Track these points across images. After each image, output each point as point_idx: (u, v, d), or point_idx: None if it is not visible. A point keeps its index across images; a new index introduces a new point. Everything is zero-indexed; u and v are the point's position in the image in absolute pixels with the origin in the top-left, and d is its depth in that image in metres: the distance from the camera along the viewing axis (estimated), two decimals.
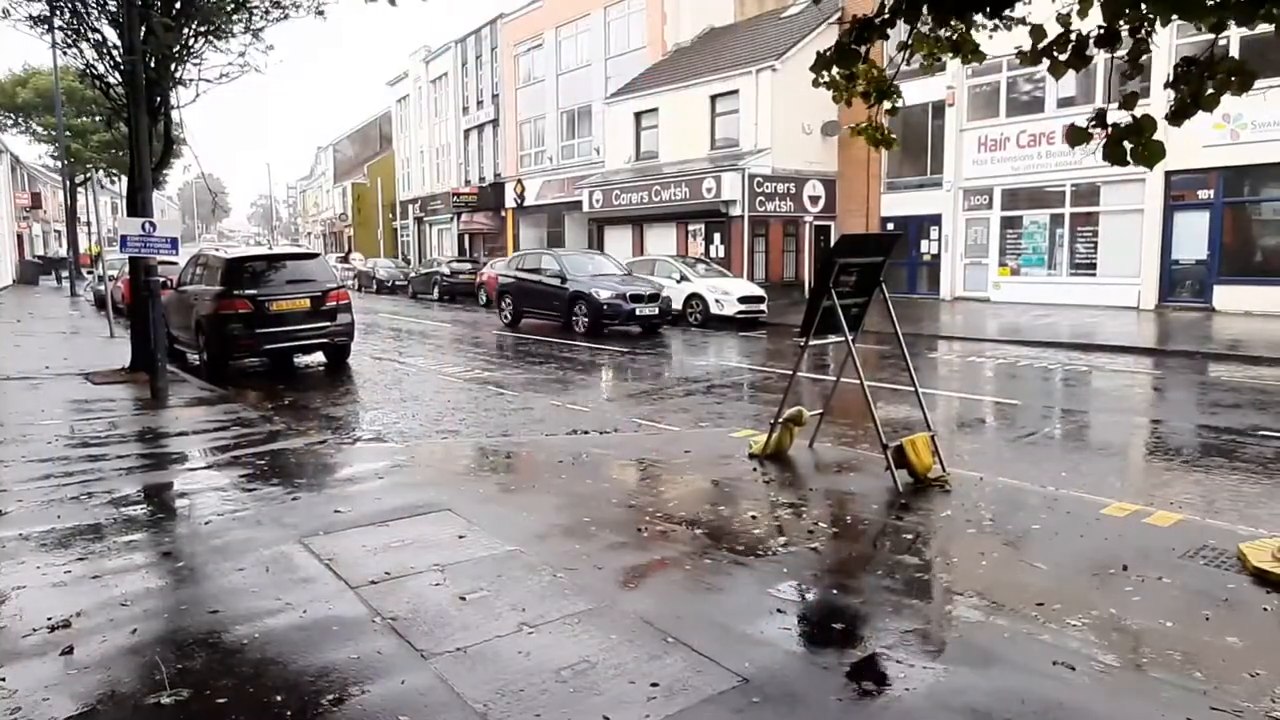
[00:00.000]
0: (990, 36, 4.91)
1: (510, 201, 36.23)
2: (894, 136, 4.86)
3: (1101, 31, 3.43)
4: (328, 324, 12.05)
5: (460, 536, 4.62)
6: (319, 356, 13.01)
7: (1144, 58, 3.68)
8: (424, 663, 3.20)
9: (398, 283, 34.01)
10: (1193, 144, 16.35)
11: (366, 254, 47.82)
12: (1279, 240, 17.92)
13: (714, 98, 25.75)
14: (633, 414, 8.95)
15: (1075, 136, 3.51)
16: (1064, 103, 20.43)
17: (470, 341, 16.88)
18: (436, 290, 29.31)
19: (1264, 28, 3.22)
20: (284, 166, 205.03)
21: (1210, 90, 3.29)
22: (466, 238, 40.74)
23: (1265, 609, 3.71)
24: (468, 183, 40.27)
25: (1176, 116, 3.39)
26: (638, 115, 28.59)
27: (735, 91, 24.96)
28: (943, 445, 6.06)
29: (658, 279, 20.38)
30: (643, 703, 2.91)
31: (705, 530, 4.76)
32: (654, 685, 3.02)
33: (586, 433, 7.80)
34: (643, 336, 16.99)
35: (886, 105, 4.52)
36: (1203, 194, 18.44)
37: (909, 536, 4.71)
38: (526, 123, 35.82)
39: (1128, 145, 3.31)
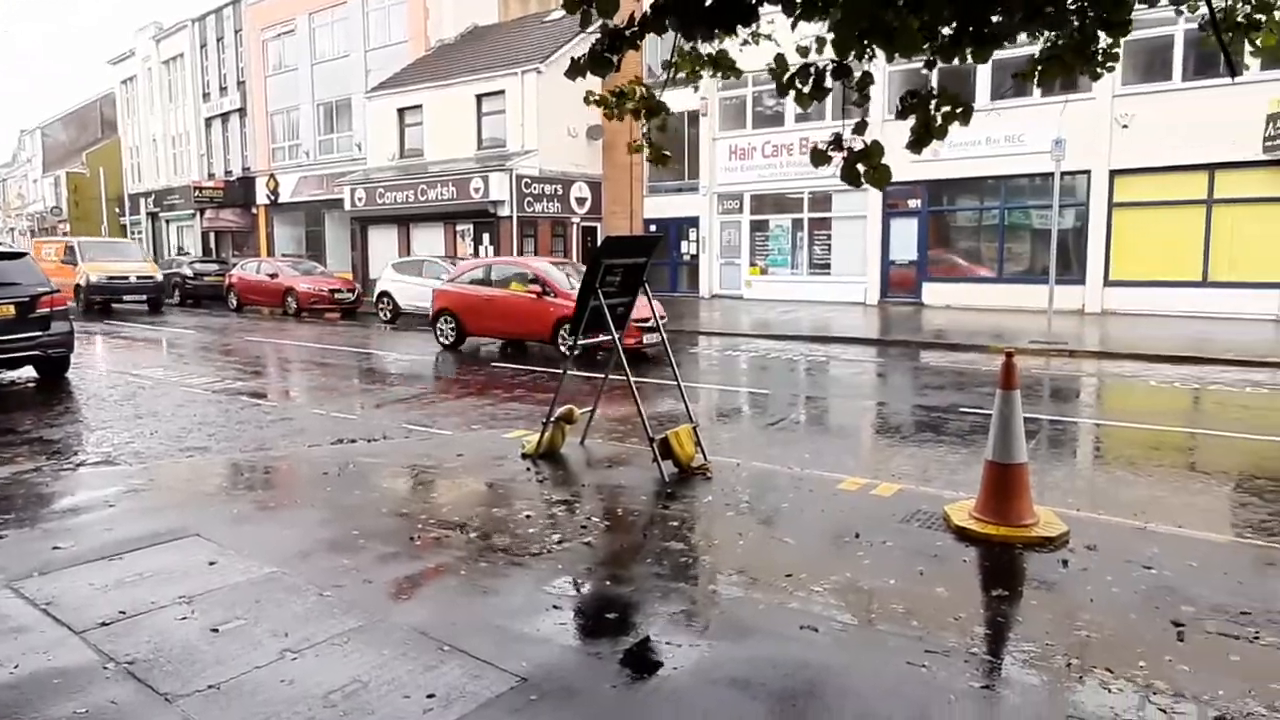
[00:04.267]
0: (740, 50, 5.31)
1: (262, 198, 33.60)
2: (668, 153, 5.07)
3: (835, 65, 3.80)
4: (39, 334, 10.51)
5: (211, 563, 4.25)
6: (29, 371, 11.32)
7: (870, 87, 4.11)
8: (169, 706, 2.93)
9: None
10: (904, 158, 18.52)
11: None
12: (971, 244, 20.92)
13: (480, 97, 25.48)
14: (402, 420, 8.67)
15: (816, 158, 3.79)
16: (801, 118, 22.48)
17: (220, 349, 15.46)
18: (178, 294, 26.53)
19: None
20: None
21: (939, 121, 3.72)
22: (213, 236, 37.22)
23: (964, 561, 4.35)
24: (212, 176, 36.81)
25: (916, 145, 3.77)
26: (401, 111, 27.62)
27: (501, 92, 24.86)
28: (704, 435, 6.46)
29: (426, 280, 19.89)
30: (419, 715, 2.86)
31: (480, 533, 4.74)
32: (430, 696, 2.98)
33: (353, 441, 7.45)
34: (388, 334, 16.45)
35: (656, 122, 4.71)
36: (912, 203, 21.07)
37: (675, 524, 4.98)
38: (279, 113, 33.35)
39: (861, 168, 3.63)
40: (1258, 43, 3.74)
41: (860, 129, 3.76)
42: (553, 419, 6.53)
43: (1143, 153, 17.80)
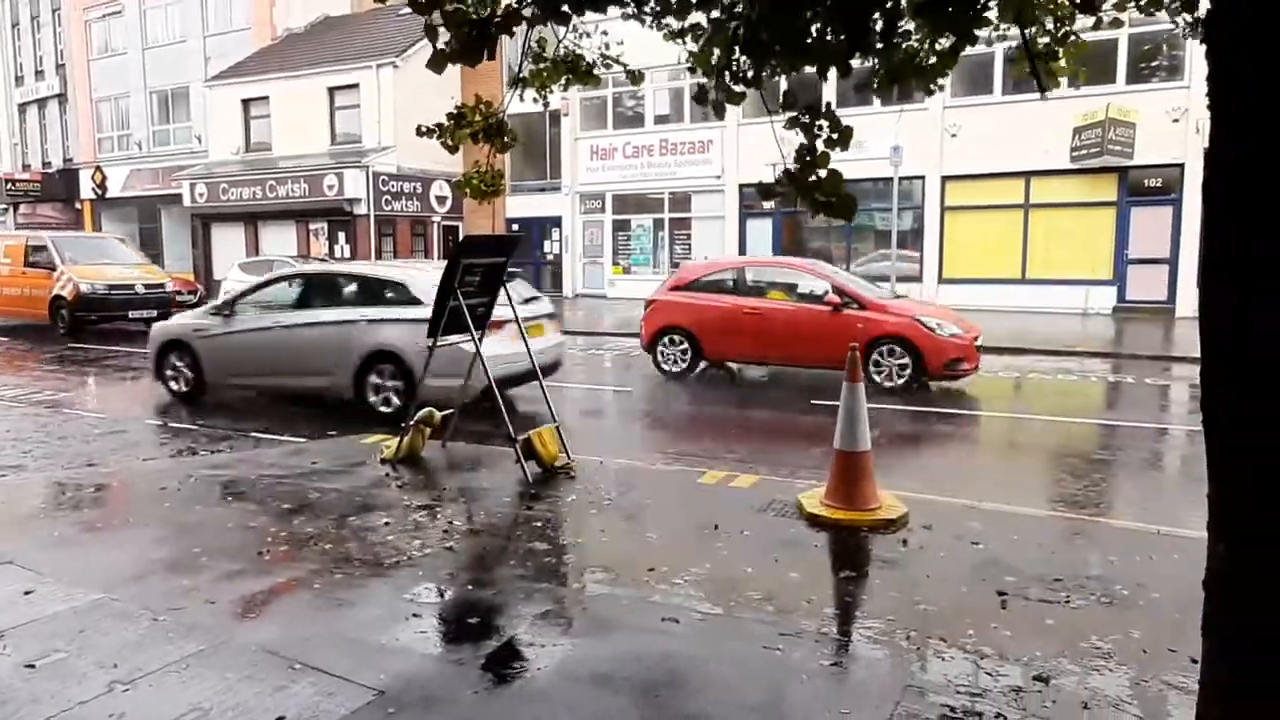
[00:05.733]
0: (592, 61, 5.32)
1: (87, 192, 30.89)
2: (503, 184, 4.89)
3: (748, 73, 3.74)
4: None
5: (26, 592, 3.88)
6: None
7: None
8: None
9: None
10: (757, 161, 19.32)
11: None
12: (821, 244, 21.99)
13: (332, 90, 24.46)
14: (249, 427, 8.21)
15: (766, 192, 3.49)
16: (660, 120, 22.94)
17: (38, 356, 14.08)
18: None
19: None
20: None
21: (821, 149, 3.64)
22: None
23: (816, 545, 4.58)
24: (27, 167, 33.48)
25: (802, 172, 3.63)
26: (246, 102, 26.09)
27: (355, 85, 23.96)
28: (567, 434, 6.47)
29: None
30: None
31: (336, 544, 4.56)
32: (279, 719, 2.84)
33: (195, 453, 6.99)
34: None
35: (497, 145, 4.57)
36: (766, 204, 21.87)
37: (539, 524, 4.97)
38: (105, 101, 30.76)
39: (820, 199, 3.35)
40: (1054, 71, 4.05)
41: (802, 156, 3.47)
42: (412, 422, 6.37)
43: (970, 160, 19.23)
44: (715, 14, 3.46)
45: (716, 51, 3.56)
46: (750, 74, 3.54)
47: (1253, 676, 1.85)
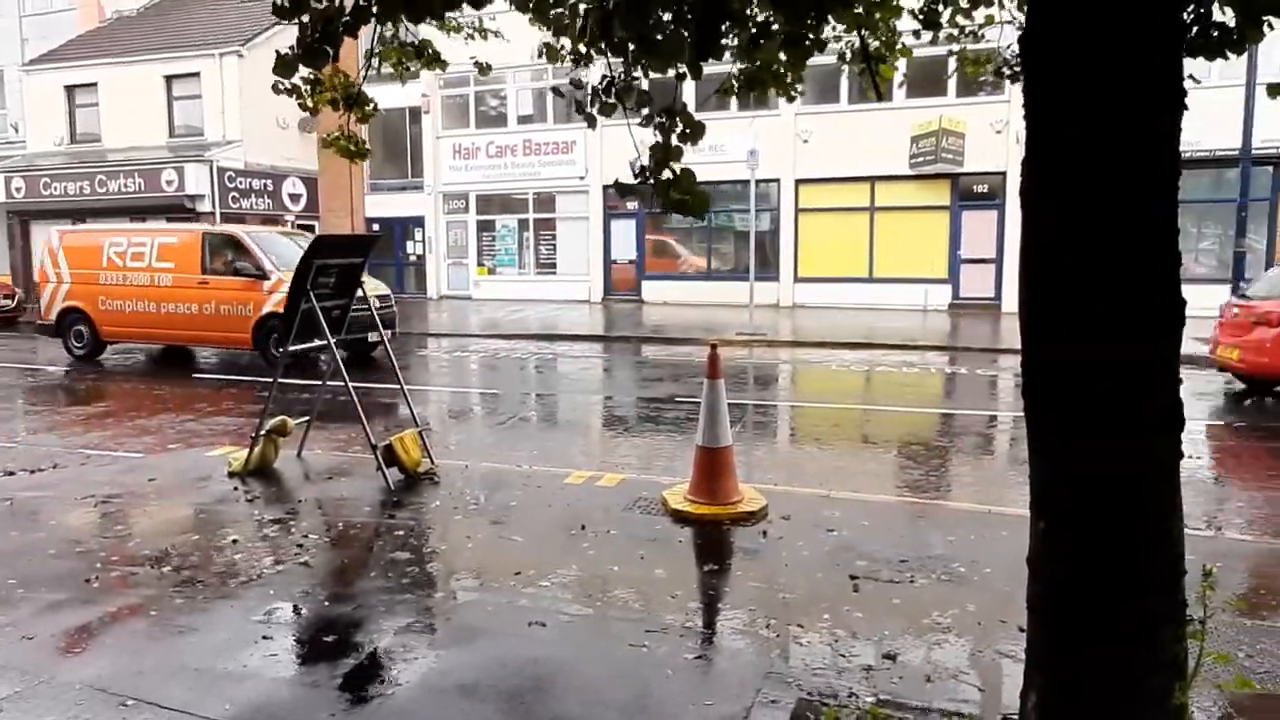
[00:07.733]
0: (455, 38, 5.18)
1: None
2: (369, 148, 4.77)
3: (623, 83, 3.70)
4: None
5: None
6: None
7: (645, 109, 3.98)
8: None
9: None
10: (620, 162, 19.51)
11: None
12: (683, 244, 22.47)
13: (170, 79, 22.78)
14: (78, 443, 7.53)
15: (624, 191, 3.45)
16: (524, 119, 22.76)
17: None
18: None
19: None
20: None
21: (675, 144, 3.69)
22: None
23: (680, 541, 4.67)
24: None
25: (658, 168, 3.67)
26: (70, 89, 23.90)
27: (196, 74, 22.41)
28: (433, 438, 6.33)
29: None
30: None
31: (177, 567, 4.26)
32: None
33: (11, 473, 6.35)
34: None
35: (358, 114, 4.43)
36: (629, 204, 22.13)
37: (402, 533, 4.82)
38: None
39: (675, 196, 3.33)
40: (880, 72, 4.30)
41: (656, 155, 3.44)
42: (263, 432, 6.03)
43: (820, 165, 20.14)
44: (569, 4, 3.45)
45: (567, 43, 3.57)
46: (622, 87, 3.55)
47: (1067, 645, 2.03)
